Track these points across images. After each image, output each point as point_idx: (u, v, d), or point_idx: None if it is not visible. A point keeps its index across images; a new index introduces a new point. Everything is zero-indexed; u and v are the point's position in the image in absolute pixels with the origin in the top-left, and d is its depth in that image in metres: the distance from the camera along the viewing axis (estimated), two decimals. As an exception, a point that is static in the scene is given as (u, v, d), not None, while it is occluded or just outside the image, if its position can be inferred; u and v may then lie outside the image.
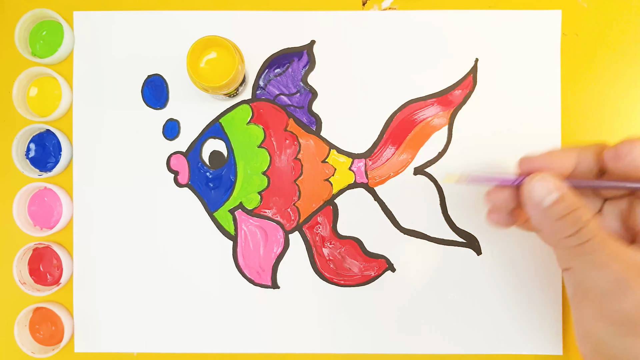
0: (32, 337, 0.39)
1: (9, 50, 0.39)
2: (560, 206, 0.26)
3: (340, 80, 0.38)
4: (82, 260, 0.39)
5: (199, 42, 0.34)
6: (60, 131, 0.39)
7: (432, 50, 0.38)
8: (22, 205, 0.38)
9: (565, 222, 0.26)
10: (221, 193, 0.38)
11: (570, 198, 0.26)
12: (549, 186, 0.26)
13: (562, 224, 0.26)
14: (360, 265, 0.38)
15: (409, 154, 0.38)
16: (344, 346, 0.38)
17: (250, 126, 0.38)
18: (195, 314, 0.38)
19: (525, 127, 0.38)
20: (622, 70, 0.38)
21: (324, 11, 0.38)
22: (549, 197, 0.26)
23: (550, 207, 0.26)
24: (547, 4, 0.38)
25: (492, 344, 0.38)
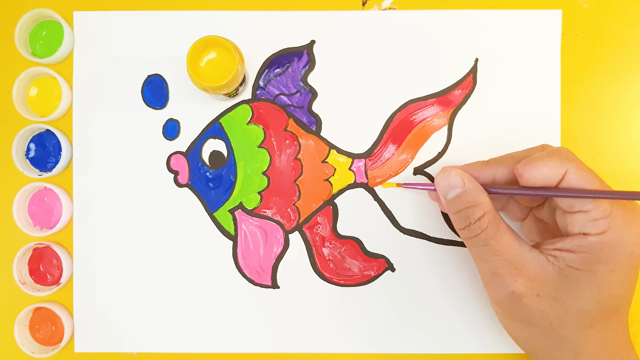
0: (32, 337, 0.39)
1: (9, 50, 0.39)
2: (456, 201, 0.30)
3: (340, 80, 0.38)
4: (82, 260, 0.39)
5: (199, 42, 0.34)
6: (60, 131, 0.39)
7: (432, 50, 0.38)
8: (22, 205, 0.38)
9: (459, 216, 0.30)
10: (221, 193, 0.38)
11: (467, 195, 0.30)
12: (452, 182, 0.30)
13: (457, 217, 0.30)
14: (360, 265, 0.38)
15: (408, 154, 0.38)
16: (344, 346, 0.38)
17: (250, 126, 0.38)
18: (195, 314, 0.38)
19: (525, 127, 0.38)
20: (622, 70, 0.38)
21: (324, 11, 0.38)
22: (451, 192, 0.30)
23: (450, 201, 0.31)
24: (547, 4, 0.38)
25: (492, 344, 0.38)
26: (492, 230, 0.29)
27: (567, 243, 0.28)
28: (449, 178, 0.30)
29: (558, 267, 0.28)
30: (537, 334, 0.30)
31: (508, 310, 0.30)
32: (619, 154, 0.38)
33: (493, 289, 0.30)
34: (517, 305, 0.29)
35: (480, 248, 0.30)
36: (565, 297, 0.28)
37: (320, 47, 0.38)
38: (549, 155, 0.28)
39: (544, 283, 0.28)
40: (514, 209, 0.35)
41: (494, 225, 0.29)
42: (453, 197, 0.30)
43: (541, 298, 0.28)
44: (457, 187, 0.30)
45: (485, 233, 0.29)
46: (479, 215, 0.29)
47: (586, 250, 0.27)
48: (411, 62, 0.38)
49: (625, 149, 0.38)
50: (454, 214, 0.31)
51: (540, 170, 0.28)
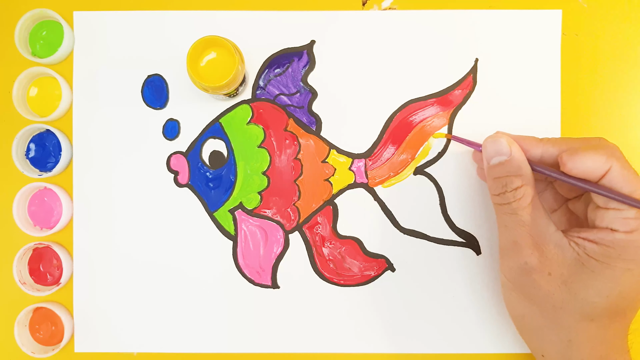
0: (32, 337, 0.39)
1: (9, 50, 0.39)
2: (498, 168, 0.30)
3: (340, 80, 0.38)
4: (82, 260, 0.39)
5: (199, 42, 0.34)
6: (60, 131, 0.39)
7: (432, 50, 0.38)
8: (22, 205, 0.38)
9: (497, 182, 0.30)
10: (221, 193, 0.38)
11: (511, 164, 0.30)
12: (499, 148, 0.31)
13: (495, 183, 0.31)
14: (360, 265, 0.38)
15: (408, 154, 0.38)
16: (344, 346, 0.38)
17: (250, 126, 0.38)
18: (195, 314, 0.38)
19: (525, 127, 0.38)
20: (622, 70, 0.38)
21: (324, 11, 0.38)
22: (495, 158, 0.31)
23: (492, 166, 0.31)
24: (547, 4, 0.38)
25: (491, 343, 0.38)
26: (524, 202, 0.29)
27: (592, 234, 0.28)
28: (498, 144, 0.31)
29: (576, 253, 0.28)
30: (536, 313, 0.30)
31: (515, 282, 0.30)
32: (619, 154, 0.38)
33: (508, 257, 0.30)
34: (526, 278, 0.29)
35: (507, 215, 0.30)
36: (575, 283, 0.28)
37: (320, 47, 0.38)
38: (596, 148, 0.28)
39: (558, 264, 0.28)
40: (548, 198, 0.35)
41: (528, 197, 0.29)
42: (496, 163, 0.30)
43: (551, 277, 0.29)
44: (504, 155, 0.30)
45: (517, 203, 0.29)
46: (517, 185, 0.29)
47: (609, 245, 0.28)
48: (411, 62, 0.38)
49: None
50: (493, 179, 0.31)
51: (584, 162, 0.28)
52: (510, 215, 0.30)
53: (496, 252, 0.38)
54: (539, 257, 0.29)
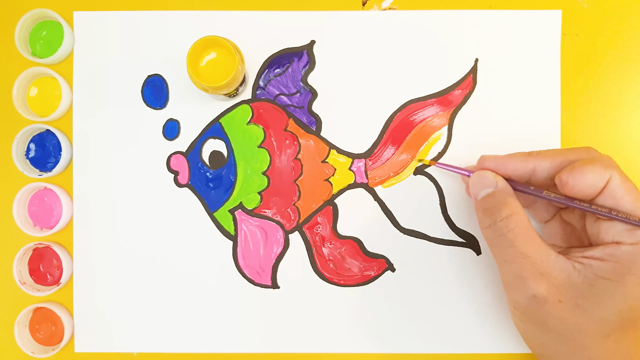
0: (32, 337, 0.39)
1: (9, 50, 0.39)
2: (486, 200, 0.30)
3: (340, 80, 0.38)
4: (82, 260, 0.39)
5: (199, 42, 0.34)
6: (60, 131, 0.39)
7: (432, 50, 0.38)
8: (22, 205, 0.38)
9: (487, 214, 0.30)
10: (221, 193, 0.38)
11: (499, 195, 0.30)
12: (484, 182, 0.31)
13: (484, 215, 0.30)
14: (360, 265, 0.38)
15: (409, 154, 0.38)
16: (344, 346, 0.38)
17: (250, 126, 0.38)
18: (195, 314, 0.38)
19: (525, 127, 0.38)
20: (622, 71, 0.38)
21: (324, 11, 0.38)
22: (482, 192, 0.31)
23: (480, 200, 0.31)
24: (547, 4, 0.38)
25: (491, 343, 0.38)
26: (519, 232, 0.29)
27: (598, 252, 0.28)
28: (483, 178, 0.31)
29: (584, 275, 0.28)
30: (553, 339, 0.29)
31: (527, 315, 0.30)
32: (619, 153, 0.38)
33: (514, 291, 0.29)
34: (538, 310, 0.29)
35: (505, 249, 0.29)
36: (587, 305, 0.28)
37: (320, 47, 0.38)
38: (592, 162, 0.28)
39: (567, 290, 0.28)
40: (539, 209, 0.35)
41: (522, 226, 0.29)
42: (484, 195, 0.31)
43: (563, 304, 0.28)
44: (490, 187, 0.30)
45: (512, 234, 0.29)
46: (507, 214, 0.29)
47: (617, 260, 0.27)
48: (411, 62, 0.38)
49: (626, 148, 0.38)
50: (482, 212, 0.31)
51: (585, 177, 0.27)
52: (508, 248, 0.29)
53: (496, 252, 0.38)
54: (546, 287, 0.28)
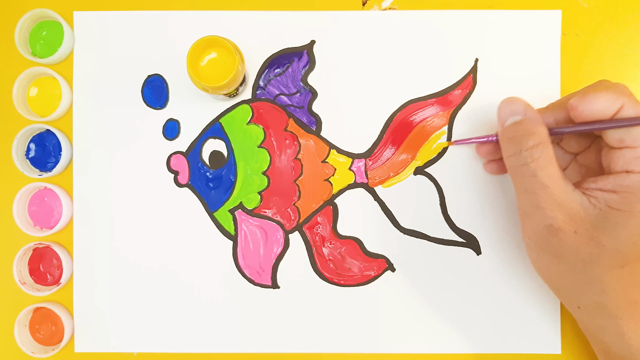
0: (32, 337, 0.39)
1: (9, 50, 0.39)
2: (513, 128, 0.30)
3: (340, 80, 0.38)
4: (82, 260, 0.39)
5: (199, 42, 0.34)
6: (60, 131, 0.39)
7: (432, 50, 0.38)
8: (22, 205, 0.38)
9: (511, 142, 0.30)
10: (221, 193, 0.38)
11: (527, 123, 0.30)
12: (514, 108, 0.30)
13: (510, 143, 0.30)
14: (360, 265, 0.38)
15: (409, 154, 0.38)
16: (344, 346, 0.38)
17: (250, 126, 0.38)
18: (196, 314, 0.38)
19: (525, 127, 0.38)
20: (622, 70, 0.38)
21: (324, 11, 0.38)
22: (510, 119, 0.30)
23: (507, 127, 0.30)
24: (547, 4, 0.38)
25: (491, 343, 0.38)
26: (543, 162, 0.29)
27: (610, 182, 0.28)
28: (513, 104, 0.30)
29: (599, 208, 0.28)
30: (567, 270, 0.30)
31: (542, 244, 0.30)
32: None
33: (531, 220, 0.30)
34: (552, 239, 0.29)
35: (527, 178, 0.29)
36: (601, 236, 0.28)
37: (320, 47, 0.38)
38: (606, 88, 0.28)
39: (583, 221, 0.28)
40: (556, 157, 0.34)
41: (546, 157, 0.29)
42: (511, 123, 0.30)
43: (578, 235, 0.28)
44: (518, 114, 0.30)
45: (536, 163, 0.29)
46: (533, 143, 0.29)
47: (627, 190, 0.27)
48: (411, 62, 0.38)
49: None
50: (508, 139, 0.30)
51: (596, 102, 0.28)
52: (530, 177, 0.29)
53: (497, 252, 0.38)
54: (563, 218, 0.28)
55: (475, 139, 0.34)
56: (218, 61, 0.35)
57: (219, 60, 0.35)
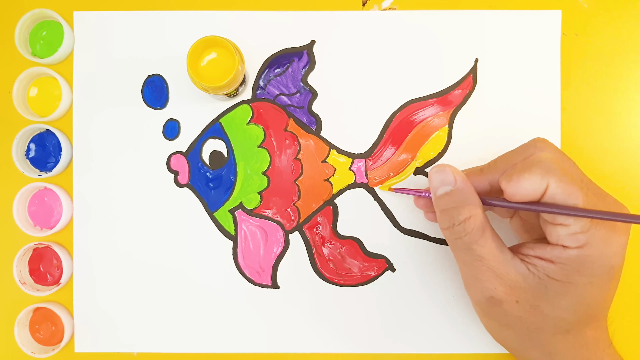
0: (32, 337, 0.39)
1: (9, 50, 0.39)
2: (445, 199, 0.30)
3: (340, 80, 0.38)
4: (82, 260, 0.39)
5: (199, 42, 0.34)
6: (60, 131, 0.39)
7: (432, 50, 0.38)
8: (22, 205, 0.38)
9: (445, 214, 0.29)
10: (221, 193, 0.38)
11: (458, 195, 0.29)
12: (443, 178, 0.30)
13: (443, 216, 0.30)
14: (360, 265, 0.38)
15: (409, 154, 0.38)
16: (344, 346, 0.38)
17: (250, 126, 0.38)
18: (195, 314, 0.38)
19: (525, 127, 0.38)
20: (622, 71, 0.38)
21: (324, 11, 0.38)
22: (441, 189, 0.30)
23: (438, 198, 0.30)
24: (547, 4, 0.38)
25: (491, 343, 0.38)
26: (476, 235, 0.28)
27: (547, 252, 0.28)
28: (443, 173, 0.30)
29: (538, 277, 0.28)
30: (514, 336, 0.30)
31: (487, 313, 0.30)
32: (619, 153, 0.38)
33: (473, 291, 0.30)
34: (496, 309, 0.29)
35: (462, 251, 0.29)
36: (543, 305, 0.28)
37: (320, 47, 0.38)
38: (529, 168, 0.27)
39: (523, 291, 0.28)
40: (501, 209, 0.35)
41: (480, 230, 0.28)
42: (442, 193, 0.30)
43: (519, 305, 0.28)
44: (449, 185, 0.30)
45: (469, 237, 0.28)
46: (465, 217, 0.29)
47: (565, 262, 0.27)
48: (411, 62, 0.38)
49: (626, 148, 0.38)
50: (440, 212, 0.30)
51: (522, 186, 0.27)
52: (465, 250, 0.29)
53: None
54: (502, 289, 0.28)
55: (413, 191, 0.33)
56: (218, 61, 0.35)
57: (219, 60, 0.35)
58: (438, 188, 0.30)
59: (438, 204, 0.30)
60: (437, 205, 0.30)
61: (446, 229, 0.30)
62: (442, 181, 0.30)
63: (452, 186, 0.29)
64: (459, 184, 0.29)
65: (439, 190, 0.30)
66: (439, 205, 0.30)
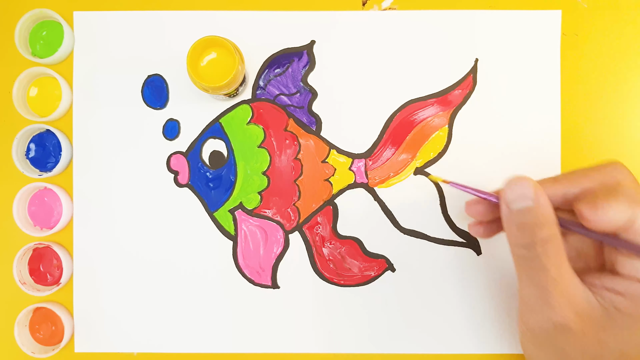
0: (32, 337, 0.39)
1: (9, 50, 0.39)
2: (523, 214, 0.27)
3: (340, 80, 0.38)
4: (82, 260, 0.39)
5: (199, 42, 0.34)
6: (60, 131, 0.39)
7: (432, 50, 0.38)
8: (22, 205, 0.38)
9: (523, 230, 0.27)
10: (221, 193, 0.38)
11: (538, 212, 0.27)
12: (525, 192, 0.27)
13: (520, 231, 0.27)
14: (360, 265, 0.38)
15: (409, 154, 0.38)
16: (344, 346, 0.38)
17: (250, 126, 0.38)
18: (195, 314, 0.38)
19: (525, 127, 0.38)
20: (622, 71, 0.38)
21: (324, 11, 0.38)
22: (521, 203, 0.27)
23: (517, 211, 0.27)
24: (547, 4, 0.38)
25: (492, 344, 0.38)
26: (555, 256, 0.26)
27: (617, 284, 0.27)
28: (522, 187, 0.27)
29: (605, 308, 0.26)
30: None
31: (544, 340, 0.28)
32: (619, 154, 0.38)
33: (536, 315, 0.28)
34: (559, 337, 0.27)
35: (536, 272, 0.27)
36: (608, 338, 0.26)
37: (320, 47, 0.38)
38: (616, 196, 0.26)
39: (591, 320, 0.26)
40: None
41: (558, 250, 0.26)
42: (520, 208, 0.27)
43: (586, 336, 0.26)
44: (529, 199, 0.27)
45: (547, 258, 0.26)
46: (546, 236, 0.26)
47: (636, 295, 0.26)
48: (411, 62, 0.38)
49: (626, 149, 0.38)
50: (516, 226, 0.27)
51: (607, 213, 0.25)
52: (540, 271, 0.27)
53: (497, 252, 0.38)
54: (573, 318, 0.26)
55: (476, 192, 0.30)
56: (218, 61, 0.35)
57: (219, 60, 0.35)
58: (516, 201, 0.27)
59: (514, 217, 0.28)
60: (513, 218, 0.28)
61: (521, 245, 0.27)
62: (522, 195, 0.27)
63: (533, 201, 0.27)
64: (542, 200, 0.27)
65: (517, 203, 0.27)
66: (515, 218, 0.27)
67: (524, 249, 0.27)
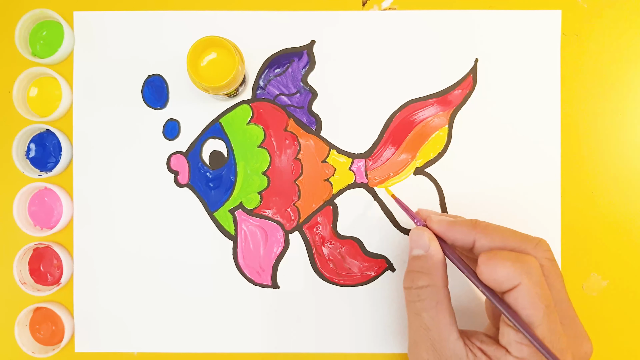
0: (32, 337, 0.39)
1: (9, 50, 0.39)
2: (413, 261, 0.31)
3: (340, 80, 0.38)
4: (82, 260, 0.39)
5: (199, 42, 0.34)
6: (60, 131, 0.39)
7: (432, 50, 0.38)
8: (22, 205, 0.38)
9: (408, 275, 0.30)
10: (221, 193, 0.38)
11: (426, 261, 0.30)
12: (419, 241, 0.30)
13: (407, 276, 0.31)
14: (360, 265, 0.38)
15: (409, 154, 0.38)
16: (344, 346, 0.38)
17: (250, 126, 0.38)
18: (196, 314, 0.38)
19: (525, 127, 0.38)
20: (622, 71, 0.38)
21: (324, 11, 0.38)
22: (414, 251, 0.31)
23: (411, 257, 0.31)
24: (547, 4, 0.38)
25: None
26: (428, 305, 0.29)
27: (491, 350, 0.28)
28: (420, 237, 0.31)
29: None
30: None
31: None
32: (619, 154, 0.38)
33: (410, 351, 0.30)
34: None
35: (412, 315, 0.30)
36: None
37: (320, 47, 0.38)
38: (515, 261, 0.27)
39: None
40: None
41: (433, 301, 0.29)
42: (415, 255, 0.31)
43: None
44: (422, 249, 0.30)
45: (421, 304, 0.29)
46: (424, 284, 0.29)
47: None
48: (411, 62, 0.38)
49: (626, 149, 0.38)
50: (406, 271, 0.31)
51: (496, 272, 0.27)
52: (415, 315, 0.29)
53: (496, 252, 0.38)
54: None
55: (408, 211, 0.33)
56: (218, 61, 0.35)
57: (219, 61, 0.35)
58: (413, 249, 0.31)
59: (409, 263, 0.31)
60: (408, 264, 0.31)
61: (405, 287, 0.31)
62: (416, 243, 0.31)
63: (424, 251, 0.30)
64: (431, 251, 0.30)
65: (413, 251, 0.31)
66: (408, 264, 0.31)
67: (406, 291, 0.31)
